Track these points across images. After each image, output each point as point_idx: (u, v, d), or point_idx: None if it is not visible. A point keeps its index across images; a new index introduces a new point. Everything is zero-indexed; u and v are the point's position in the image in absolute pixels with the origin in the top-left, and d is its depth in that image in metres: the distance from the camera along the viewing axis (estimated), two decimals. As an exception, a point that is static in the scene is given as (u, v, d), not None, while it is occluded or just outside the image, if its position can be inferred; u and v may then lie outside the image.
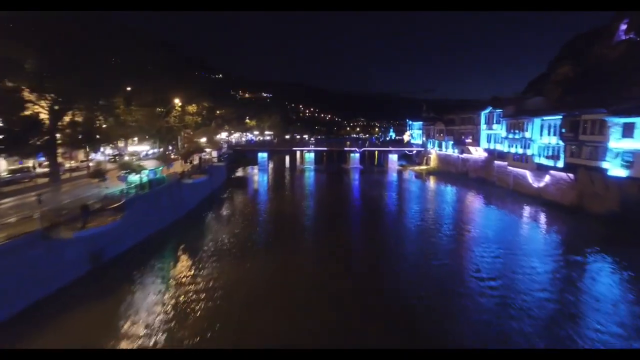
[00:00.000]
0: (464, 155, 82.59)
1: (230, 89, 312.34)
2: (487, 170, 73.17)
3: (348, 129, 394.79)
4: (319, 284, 26.81)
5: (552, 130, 52.35)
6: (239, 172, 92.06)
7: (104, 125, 48.92)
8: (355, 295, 25.16)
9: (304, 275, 28.47)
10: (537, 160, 57.14)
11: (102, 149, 57.56)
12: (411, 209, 52.85)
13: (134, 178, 35.56)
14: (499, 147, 69.26)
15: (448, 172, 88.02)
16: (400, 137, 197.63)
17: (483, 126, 75.00)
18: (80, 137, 39.51)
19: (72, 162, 48.80)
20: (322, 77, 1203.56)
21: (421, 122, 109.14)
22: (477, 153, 77.47)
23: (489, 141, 73.37)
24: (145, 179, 36.36)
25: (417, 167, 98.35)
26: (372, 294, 25.28)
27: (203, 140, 71.50)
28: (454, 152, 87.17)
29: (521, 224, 46.51)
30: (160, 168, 39.98)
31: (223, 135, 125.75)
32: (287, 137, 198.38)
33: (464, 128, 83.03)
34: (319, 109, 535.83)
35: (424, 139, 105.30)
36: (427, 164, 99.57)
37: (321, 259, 31.95)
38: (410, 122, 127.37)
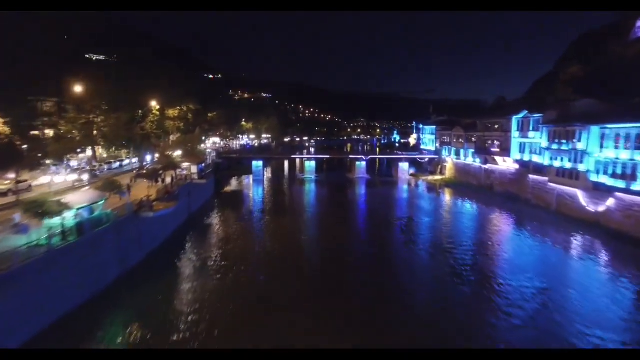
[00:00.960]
0: (488, 166, 70.84)
1: (224, 88, 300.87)
2: (520, 185, 61.46)
3: (349, 130, 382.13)
4: None
5: (623, 141, 40.69)
6: (232, 185, 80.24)
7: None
8: None
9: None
10: (593, 177, 45.51)
11: (60, 163, 45.63)
12: (428, 237, 41.48)
13: (53, 222, 23.98)
14: (535, 158, 57.51)
15: (467, 184, 76.37)
16: (405, 140, 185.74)
17: (515, 133, 63.22)
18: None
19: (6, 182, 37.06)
20: (322, 77, 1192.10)
21: (434, 126, 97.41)
22: (506, 164, 65.75)
23: (522, 151, 61.63)
24: (71, 222, 24.72)
25: (430, 177, 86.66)
26: None
27: (180, 152, 59.74)
28: (474, 161, 75.44)
29: (575, 264, 35.00)
30: (101, 202, 28.20)
31: (215, 140, 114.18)
32: (287, 139, 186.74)
33: (489, 135, 71.27)
34: (319, 109, 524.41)
35: (437, 145, 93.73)
36: (441, 173, 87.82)
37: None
38: (421, 126, 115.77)
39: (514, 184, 63.10)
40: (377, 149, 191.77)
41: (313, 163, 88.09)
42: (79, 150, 48.57)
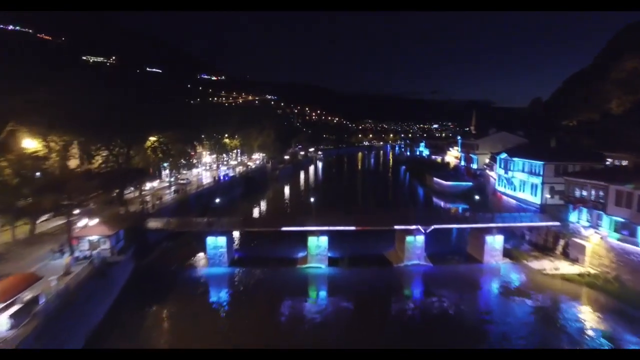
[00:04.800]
0: None
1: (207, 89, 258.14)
2: None
3: (359, 135, 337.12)
4: None
5: None
6: (160, 292, 36.93)
7: None
8: None
9: None
10: None
11: None
12: None
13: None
14: None
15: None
16: (439, 157, 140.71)
17: None
18: None
19: None
20: (328, 78, 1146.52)
21: (541, 162, 52.39)
22: None
23: None
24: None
25: (551, 267, 42.74)
26: None
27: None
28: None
29: None
30: None
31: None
32: (290, 150, 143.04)
33: None
34: (326, 111, 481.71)
35: (548, 195, 50.26)
36: (571, 257, 43.48)
37: None
38: (468, 141, 72.24)
39: None
40: (407, 172, 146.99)
41: (324, 240, 44.23)
42: None
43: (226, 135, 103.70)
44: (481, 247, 45.89)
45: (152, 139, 60.23)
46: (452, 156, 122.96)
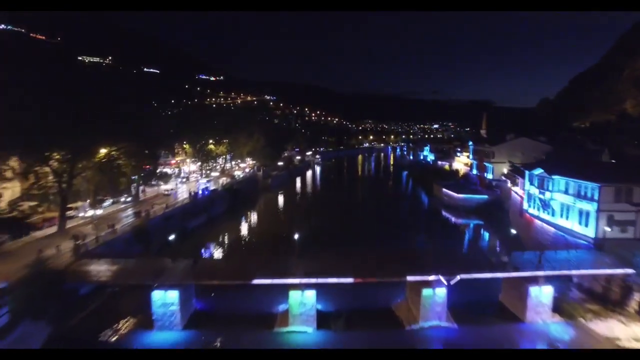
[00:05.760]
0: None
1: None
2: None
3: (359, 136, 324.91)
4: None
5: None
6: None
7: None
8: None
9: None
10: None
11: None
12: None
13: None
14: None
15: None
16: (447, 163, 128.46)
17: None
18: None
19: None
20: (328, 78, 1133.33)
21: (596, 184, 39.91)
22: None
23: None
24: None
25: (631, 338, 31.05)
26: None
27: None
28: None
29: None
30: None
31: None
32: (281, 162, 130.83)
33: None
34: (326, 111, 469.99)
35: (606, 227, 38.24)
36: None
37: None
38: (481, 148, 60.68)
39: None
40: (409, 178, 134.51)
41: (310, 296, 32.08)
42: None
43: (211, 141, 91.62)
44: (522, 300, 33.89)
45: (104, 151, 48.11)
46: (461, 163, 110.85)
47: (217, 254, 54.67)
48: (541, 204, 48.95)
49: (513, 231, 47.93)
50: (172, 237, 42.55)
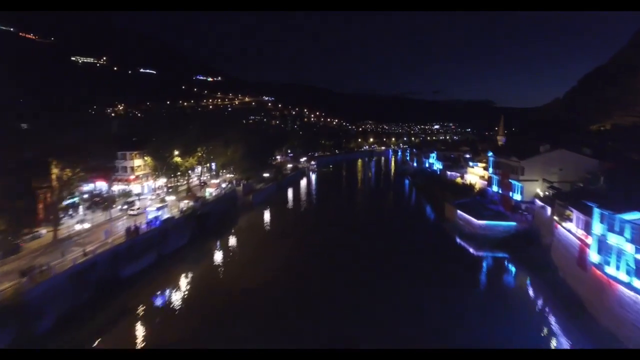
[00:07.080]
0: None
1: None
2: None
3: (359, 139, 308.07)
4: None
5: None
6: None
7: None
8: None
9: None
10: None
11: None
12: None
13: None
14: None
15: None
16: (458, 173, 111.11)
17: None
18: None
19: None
20: (327, 79, 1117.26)
21: None
22: None
23: None
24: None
25: None
26: None
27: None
28: None
29: None
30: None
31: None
32: (268, 173, 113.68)
33: None
34: (325, 112, 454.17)
35: None
36: None
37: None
38: (505, 161, 44.26)
39: None
40: (412, 187, 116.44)
41: None
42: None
43: (176, 152, 74.84)
44: None
45: None
46: (476, 175, 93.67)
47: (142, 330, 37.34)
48: (623, 262, 31.97)
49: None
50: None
